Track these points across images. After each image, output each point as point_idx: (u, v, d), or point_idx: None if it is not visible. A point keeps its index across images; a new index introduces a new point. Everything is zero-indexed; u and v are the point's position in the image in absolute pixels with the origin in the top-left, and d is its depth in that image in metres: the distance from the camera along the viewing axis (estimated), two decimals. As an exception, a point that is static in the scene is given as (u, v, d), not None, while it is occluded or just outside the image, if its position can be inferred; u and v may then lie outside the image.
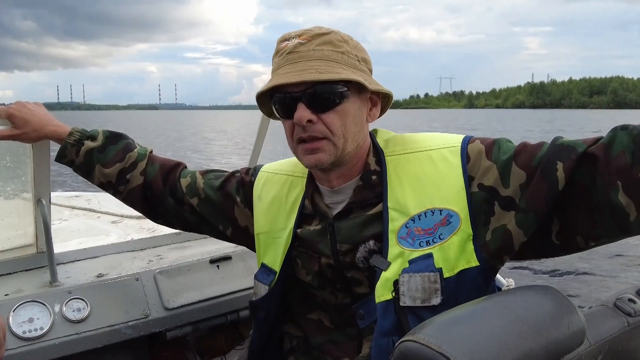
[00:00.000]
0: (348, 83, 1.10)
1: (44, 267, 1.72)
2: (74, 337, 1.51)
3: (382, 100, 1.23)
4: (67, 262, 1.83)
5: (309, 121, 1.10)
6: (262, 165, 1.45)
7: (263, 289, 1.32)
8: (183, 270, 1.79)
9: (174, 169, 1.49)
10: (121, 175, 1.47)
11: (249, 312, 1.84)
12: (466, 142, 1.12)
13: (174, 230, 2.18)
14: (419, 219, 1.09)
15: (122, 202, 1.53)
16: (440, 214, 1.07)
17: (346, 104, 1.11)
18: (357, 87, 1.12)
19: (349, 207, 1.19)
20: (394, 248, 1.09)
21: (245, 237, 1.44)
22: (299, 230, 1.26)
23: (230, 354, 1.97)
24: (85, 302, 1.57)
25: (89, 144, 1.46)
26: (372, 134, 1.25)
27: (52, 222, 1.69)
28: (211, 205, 1.44)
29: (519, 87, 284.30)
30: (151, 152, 1.53)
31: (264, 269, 1.34)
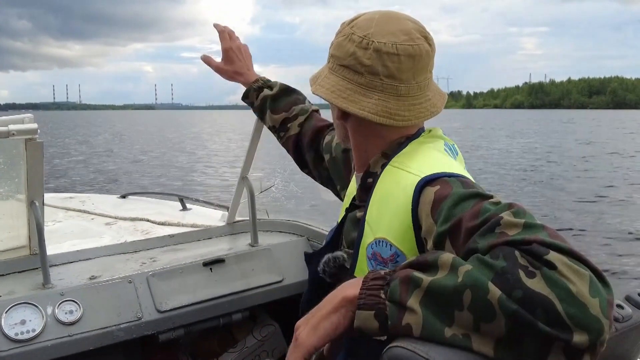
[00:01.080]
0: None
1: (37, 269, 1.72)
2: (66, 339, 1.51)
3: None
4: (60, 264, 1.83)
5: None
6: None
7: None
8: (176, 272, 1.79)
9: (326, 127, 1.62)
10: (284, 123, 1.68)
11: (241, 315, 1.86)
12: (425, 180, 0.98)
13: (167, 233, 2.19)
14: (378, 245, 1.05)
15: (115, 204, 1.54)
16: (390, 250, 1.02)
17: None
18: None
19: (357, 202, 1.21)
20: (362, 264, 1.08)
21: None
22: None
23: (223, 357, 1.97)
24: (78, 304, 1.57)
25: (266, 91, 1.70)
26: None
27: (45, 224, 1.69)
28: (336, 164, 1.54)
29: (517, 87, 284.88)
30: (316, 110, 1.70)
31: (335, 226, 1.36)
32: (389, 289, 0.79)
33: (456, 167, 1.04)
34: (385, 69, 1.06)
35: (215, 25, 1.76)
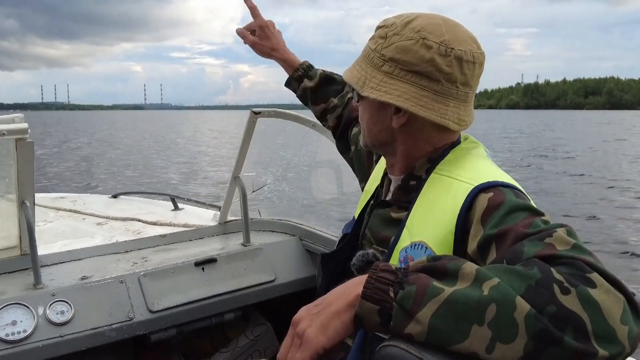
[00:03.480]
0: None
1: (28, 269, 1.71)
2: (58, 339, 1.51)
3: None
4: (51, 264, 1.82)
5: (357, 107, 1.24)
6: None
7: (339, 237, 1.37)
8: (168, 272, 1.78)
9: (356, 118, 1.59)
10: (323, 114, 1.72)
11: (233, 315, 1.86)
12: (480, 189, 0.99)
13: (159, 233, 2.18)
14: (414, 248, 1.04)
15: (107, 203, 1.53)
16: (425, 253, 1.02)
17: (364, 102, 1.16)
18: None
19: (390, 201, 1.20)
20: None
21: None
22: (371, 202, 1.30)
23: (215, 357, 1.97)
24: (69, 305, 1.57)
25: (306, 82, 1.71)
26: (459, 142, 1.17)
27: (36, 224, 1.68)
28: (360, 157, 1.56)
29: (511, 87, 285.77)
30: (351, 97, 1.67)
31: (352, 220, 1.37)
32: (401, 291, 0.76)
33: (506, 176, 1.06)
34: (462, 77, 1.07)
35: (246, 1, 1.74)
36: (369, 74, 1.11)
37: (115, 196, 3.46)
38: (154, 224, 2.56)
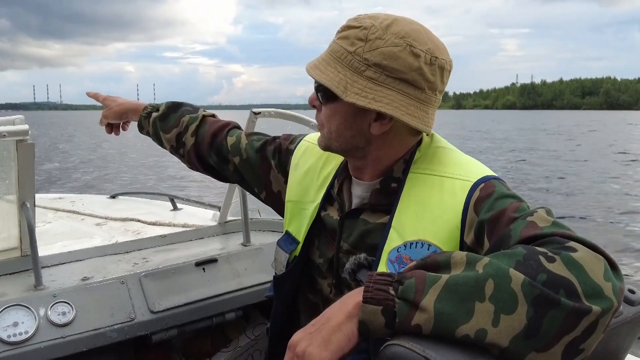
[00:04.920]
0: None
1: (29, 270, 1.71)
2: (59, 340, 1.51)
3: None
4: (52, 265, 1.82)
5: (314, 106, 1.18)
6: (306, 135, 1.45)
7: (284, 257, 1.32)
8: (168, 273, 1.79)
9: (223, 128, 1.53)
10: (179, 139, 1.55)
11: (234, 315, 1.86)
12: (482, 181, 1.04)
13: (158, 233, 2.19)
14: (410, 247, 1.05)
15: (106, 204, 1.53)
16: (428, 250, 1.03)
17: (337, 105, 1.10)
18: None
19: (362, 207, 1.18)
20: (381, 268, 1.08)
21: (277, 202, 1.45)
22: (322, 213, 1.27)
23: (216, 357, 1.98)
24: (71, 306, 1.57)
25: (154, 114, 1.59)
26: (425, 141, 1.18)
27: (36, 225, 1.68)
28: (250, 166, 1.46)
29: (506, 87, 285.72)
30: (211, 115, 1.59)
31: (287, 236, 1.35)
32: (400, 286, 0.78)
33: (485, 166, 1.12)
34: (442, 85, 1.10)
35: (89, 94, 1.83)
36: (349, 78, 1.05)
37: (113, 196, 3.46)
38: (154, 224, 2.56)
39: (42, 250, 1.89)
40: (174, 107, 1.59)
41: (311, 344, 0.80)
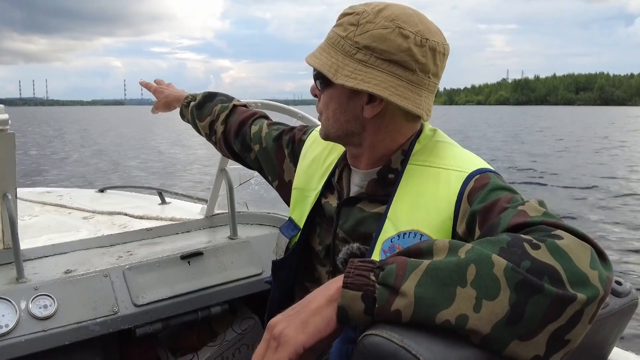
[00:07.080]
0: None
1: (11, 263, 1.68)
2: (41, 334, 1.49)
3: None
4: (35, 258, 1.80)
5: (315, 95, 1.20)
6: (318, 125, 1.43)
7: (284, 242, 1.34)
8: (153, 266, 1.77)
9: (250, 117, 1.57)
10: (211, 127, 1.63)
11: (220, 308, 1.84)
12: (477, 172, 1.05)
13: (145, 226, 2.16)
14: (403, 237, 1.05)
15: (94, 198, 1.51)
16: (420, 240, 1.02)
17: (332, 89, 1.13)
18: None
19: (359, 196, 1.19)
20: (375, 258, 1.07)
21: (287, 191, 1.45)
22: (322, 201, 1.28)
23: (203, 351, 1.96)
24: (52, 299, 1.55)
25: (192, 104, 1.67)
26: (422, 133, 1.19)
27: (22, 218, 1.66)
28: (267, 154, 1.49)
29: (499, 83, 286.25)
30: (242, 105, 1.65)
31: (290, 222, 1.36)
32: (381, 272, 0.77)
33: (482, 160, 1.12)
34: (434, 68, 1.09)
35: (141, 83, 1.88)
36: (340, 62, 1.08)
37: (102, 190, 3.43)
38: (141, 218, 2.54)
39: (27, 244, 1.87)
40: (210, 97, 1.68)
41: (288, 326, 0.79)
